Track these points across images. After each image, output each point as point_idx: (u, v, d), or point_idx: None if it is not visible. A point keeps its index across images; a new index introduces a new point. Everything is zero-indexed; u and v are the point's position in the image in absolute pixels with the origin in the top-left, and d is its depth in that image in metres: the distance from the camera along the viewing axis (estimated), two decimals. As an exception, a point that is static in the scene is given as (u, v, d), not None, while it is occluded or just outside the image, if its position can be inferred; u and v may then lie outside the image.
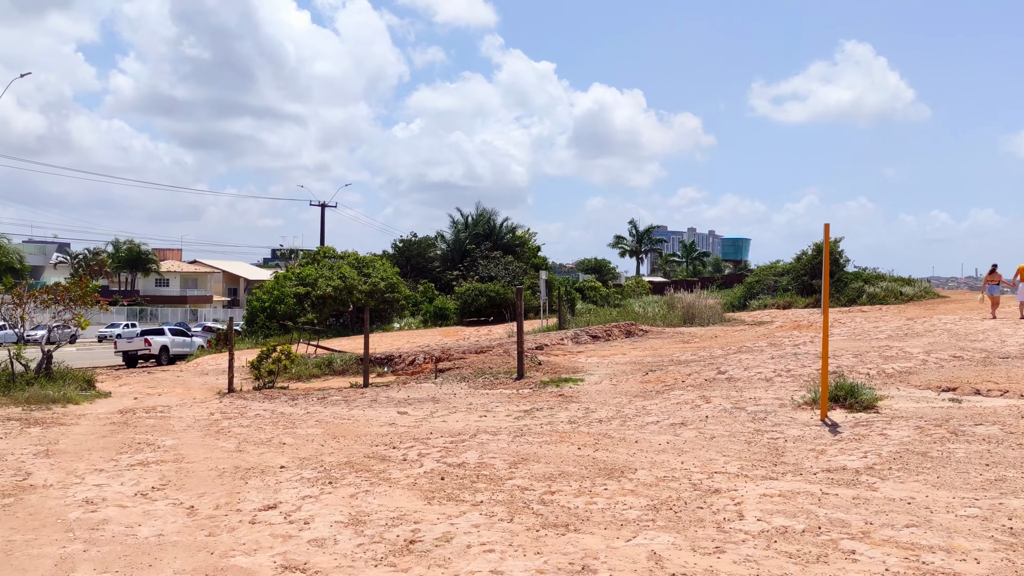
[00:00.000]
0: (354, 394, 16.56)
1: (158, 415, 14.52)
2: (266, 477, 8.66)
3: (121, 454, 10.34)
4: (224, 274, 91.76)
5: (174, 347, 35.56)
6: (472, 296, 41.77)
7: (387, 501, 7.36)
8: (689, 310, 31.15)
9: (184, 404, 16.78)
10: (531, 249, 51.26)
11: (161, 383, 23.95)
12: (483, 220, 52.02)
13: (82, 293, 20.81)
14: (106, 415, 14.86)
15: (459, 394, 15.60)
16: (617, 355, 22.58)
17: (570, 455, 9.02)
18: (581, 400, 13.75)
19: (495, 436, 10.44)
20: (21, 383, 18.00)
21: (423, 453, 9.48)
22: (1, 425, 13.07)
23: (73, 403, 16.68)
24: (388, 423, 12.25)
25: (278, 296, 41.00)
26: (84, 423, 13.57)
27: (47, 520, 7.09)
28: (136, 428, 12.70)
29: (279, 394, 17.50)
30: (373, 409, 13.98)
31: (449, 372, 18.92)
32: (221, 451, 10.30)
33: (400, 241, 52.53)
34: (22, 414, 14.76)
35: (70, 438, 11.75)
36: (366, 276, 43.44)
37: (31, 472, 9.28)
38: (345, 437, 11.05)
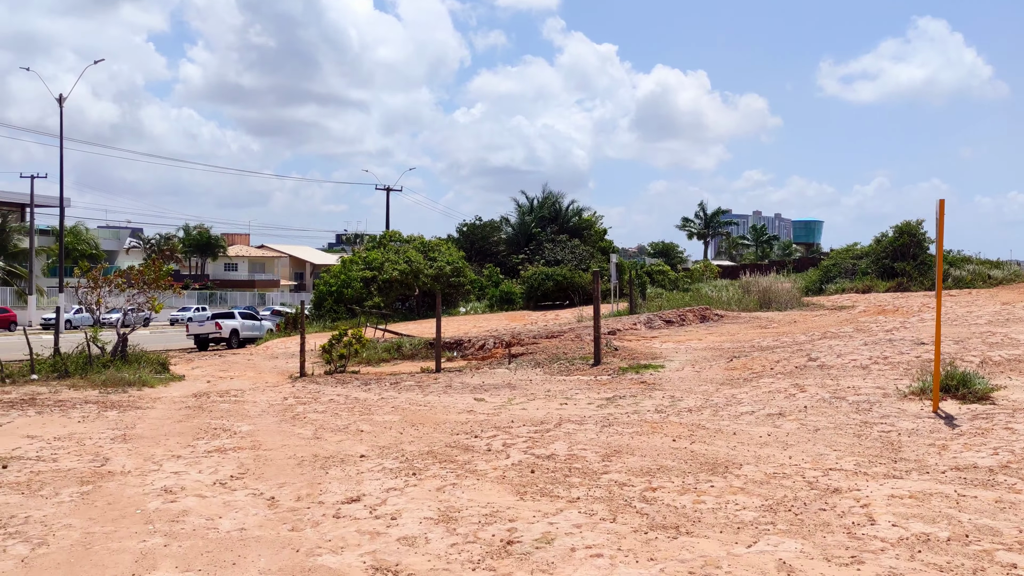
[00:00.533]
0: (427, 379, 16.21)
1: (232, 399, 14.36)
2: (346, 467, 8.30)
3: (198, 440, 10.11)
4: (291, 258, 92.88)
5: (244, 330, 35.84)
6: (539, 280, 41.26)
7: (477, 496, 6.91)
8: (765, 294, 30.16)
9: (257, 388, 16.65)
10: (597, 232, 50.48)
11: (232, 366, 24.01)
12: (549, 203, 51.37)
13: (155, 277, 20.90)
14: (181, 399, 14.78)
15: (535, 380, 15.12)
16: (693, 340, 21.87)
17: (665, 447, 8.46)
18: (664, 388, 13.16)
19: (581, 426, 9.92)
20: (98, 365, 18.12)
21: (508, 443, 9.01)
22: (79, 408, 13.04)
23: (148, 386, 16.68)
24: (466, 410, 11.83)
25: (345, 280, 41.06)
26: (160, 407, 13.47)
27: (126, 510, 6.82)
28: (211, 413, 12.52)
29: (351, 378, 17.26)
30: (448, 395, 13.59)
31: (522, 357, 18.47)
32: (298, 438, 10.00)
33: (464, 225, 52.26)
34: (99, 397, 14.76)
35: (146, 422, 11.60)
36: (432, 260, 43.25)
37: (109, 457, 9.09)
38: (424, 424, 10.66)
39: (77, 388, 15.94)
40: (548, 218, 50.24)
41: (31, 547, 5.81)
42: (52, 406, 13.23)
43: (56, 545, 5.86)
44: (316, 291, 43.18)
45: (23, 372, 17.81)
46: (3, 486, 7.74)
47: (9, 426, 11.32)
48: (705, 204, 79.44)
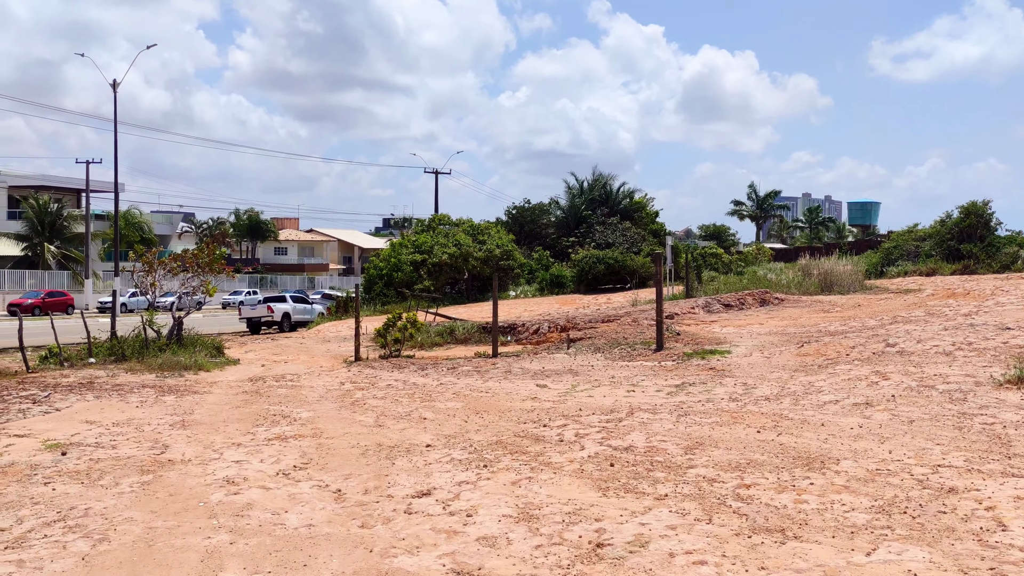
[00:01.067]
0: (484, 364, 15.82)
1: (289, 384, 14.12)
2: (413, 457, 7.92)
3: (257, 427, 9.83)
4: (339, 242, 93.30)
5: (296, 314, 35.85)
6: (590, 263, 40.65)
7: (556, 491, 6.47)
8: (826, 277, 29.22)
9: (312, 372, 16.43)
10: (648, 215, 49.61)
11: (285, 350, 23.92)
12: (599, 185, 50.58)
13: (209, 260, 20.80)
14: (237, 383, 14.58)
15: (596, 366, 14.64)
16: (754, 325, 21.20)
17: (751, 439, 7.93)
18: (735, 374, 12.58)
19: (655, 415, 9.42)
20: (154, 349, 18.06)
21: (581, 434, 8.55)
22: (137, 392, 12.88)
23: (204, 370, 16.55)
24: (529, 397, 11.40)
25: (395, 264, 40.89)
26: (216, 391, 13.27)
27: (188, 503, 6.51)
28: (269, 398, 12.26)
29: (407, 363, 16.94)
30: (509, 381, 13.17)
31: (581, 342, 17.98)
32: (360, 426, 9.65)
33: (513, 208, 51.76)
34: (156, 381, 14.63)
35: (204, 408, 11.37)
36: (481, 243, 42.87)
37: (168, 445, 8.83)
38: (488, 412, 10.25)
39: (134, 372, 15.86)
40: (598, 200, 49.49)
41: (92, 543, 5.51)
42: (110, 390, 13.10)
43: (118, 541, 5.55)
44: (366, 275, 43.10)
45: (81, 355, 17.82)
46: (63, 475, 7.50)
47: (68, 411, 11.17)
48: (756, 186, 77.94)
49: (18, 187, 63.76)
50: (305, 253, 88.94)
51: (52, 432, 9.64)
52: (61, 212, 57.10)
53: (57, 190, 62.54)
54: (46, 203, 56.42)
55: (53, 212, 56.48)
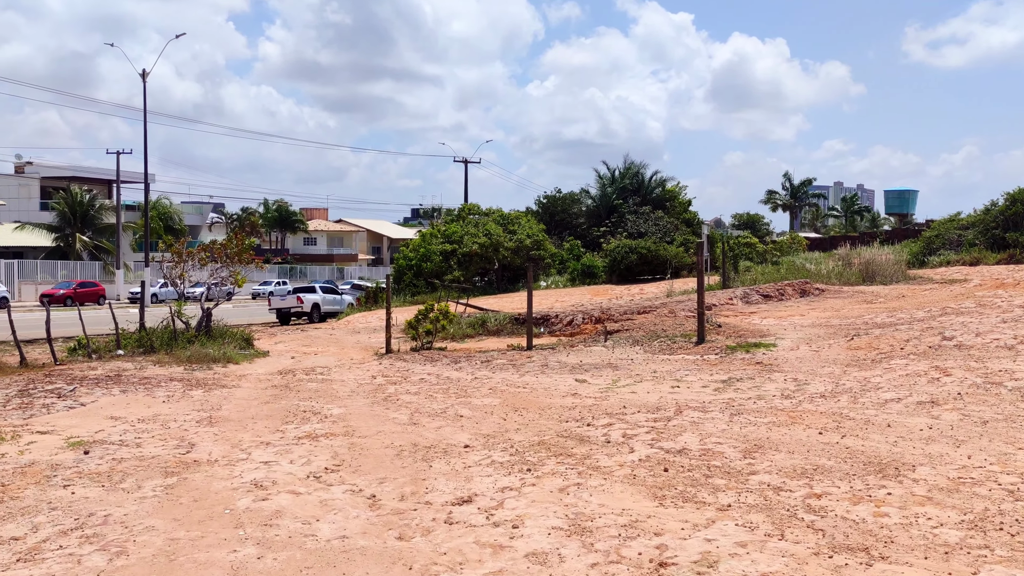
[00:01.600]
0: (519, 357, 15.34)
1: (319, 378, 13.73)
2: (451, 459, 7.45)
3: (287, 424, 9.42)
4: (368, 233, 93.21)
5: (325, 305, 35.60)
6: (622, 253, 39.98)
7: (608, 499, 5.97)
8: (867, 267, 28.40)
9: (343, 365, 16.04)
10: (681, 204, 48.73)
11: (315, 341, 23.60)
12: (631, 174, 49.74)
13: (238, 250, 20.48)
14: (266, 376, 14.22)
15: (636, 360, 14.11)
16: (796, 316, 20.52)
17: (813, 442, 7.37)
18: (783, 369, 12.00)
19: (706, 413, 8.89)
20: (183, 341, 17.77)
21: (629, 434, 8.04)
22: (164, 387, 12.55)
23: (233, 362, 16.22)
24: (569, 393, 10.90)
25: (424, 254, 40.50)
26: (245, 385, 12.91)
27: (214, 509, 6.09)
28: (299, 393, 11.87)
29: (439, 356, 16.50)
30: (547, 376, 12.68)
31: (618, 334, 17.44)
32: (393, 424, 9.21)
33: (544, 197, 51.09)
34: (184, 374, 14.31)
35: (233, 403, 11.00)
36: (511, 233, 42.35)
37: (195, 443, 8.44)
38: (527, 409, 9.77)
39: (162, 364, 15.57)
40: (630, 189, 48.67)
41: (109, 557, 5.10)
42: (137, 384, 12.78)
43: (137, 555, 5.13)
44: (395, 265, 42.77)
45: (109, 347, 17.57)
46: (84, 476, 7.12)
47: (93, 406, 10.84)
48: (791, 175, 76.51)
49: (50, 178, 64.22)
50: (334, 243, 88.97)
51: (76, 429, 9.30)
52: (92, 203, 57.34)
53: (88, 181, 62.91)
54: (78, 194, 56.68)
55: (85, 203, 56.73)
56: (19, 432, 9.12)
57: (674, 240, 43.40)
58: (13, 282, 49.09)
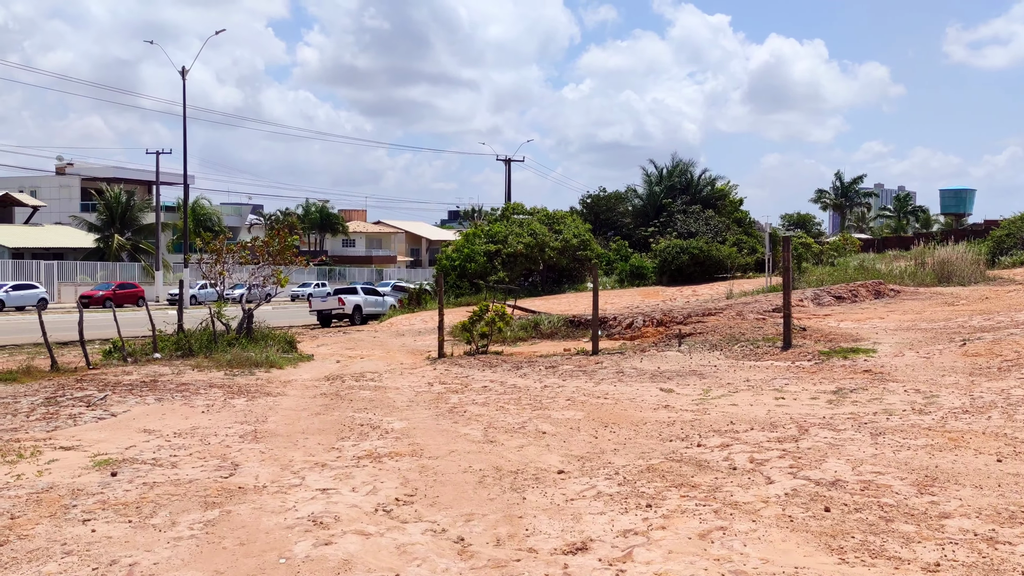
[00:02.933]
0: (588, 363, 14.02)
1: (371, 384, 12.52)
2: (545, 488, 6.16)
3: (342, 440, 8.19)
4: (407, 234, 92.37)
5: (367, 307, 34.56)
6: (673, 254, 38.44)
7: (768, 552, 4.63)
8: (943, 267, 26.67)
9: (393, 371, 14.83)
10: (732, 203, 46.99)
11: (359, 344, 22.49)
12: (678, 172, 48.10)
13: (280, 248, 19.40)
14: (312, 383, 13.05)
15: (720, 366, 12.72)
16: (875, 319, 18.97)
17: (995, 472, 5.96)
18: (897, 378, 10.55)
19: (837, 432, 7.50)
20: (222, 343, 16.70)
21: (756, 459, 6.68)
22: (203, 394, 11.40)
23: (276, 367, 15.09)
24: (660, 405, 9.55)
25: (468, 254, 39.28)
26: (291, 393, 11.73)
27: (265, 557, 4.85)
28: (351, 402, 10.65)
29: (497, 360, 15.23)
30: (626, 384, 11.34)
31: (691, 338, 16.02)
32: (466, 441, 7.93)
33: (588, 196, 49.67)
34: (225, 379, 13.19)
35: (279, 414, 9.80)
36: (557, 233, 41.00)
37: (239, 464, 7.24)
38: (618, 424, 8.44)
39: (201, 369, 14.47)
40: (679, 188, 47.05)
41: (131, 633, 3.87)
42: (174, 391, 11.66)
43: (168, 630, 3.89)
44: (438, 266, 41.62)
45: (146, 350, 16.54)
46: (108, 507, 5.93)
47: (125, 416, 9.71)
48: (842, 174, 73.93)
49: (91, 179, 64.14)
50: (373, 245, 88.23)
51: (104, 444, 8.16)
52: (132, 203, 57.01)
53: (128, 182, 62.69)
54: (118, 194, 56.38)
55: (124, 203, 56.40)
56: (40, 447, 7.99)
57: (726, 240, 41.76)
58: (53, 283, 48.76)
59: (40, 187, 65.17)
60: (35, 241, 55.31)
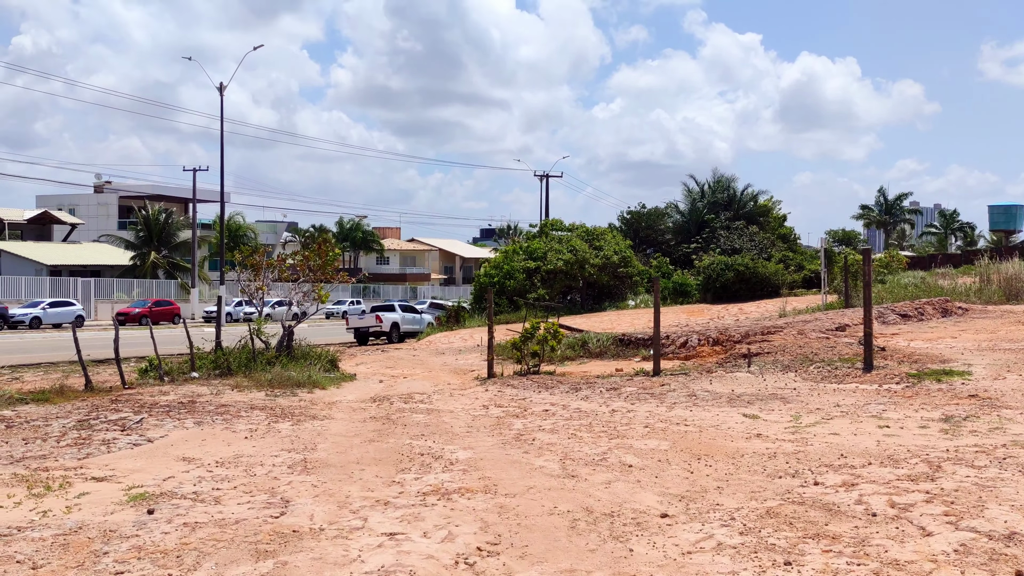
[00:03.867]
0: (651, 384, 13.06)
1: (422, 407, 11.66)
2: (651, 536, 5.23)
3: (403, 472, 7.31)
4: (440, 252, 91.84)
5: (404, 324, 33.80)
6: (717, 271, 37.30)
7: (969, 632, 3.66)
8: (1010, 284, 25.38)
9: (442, 391, 13.98)
10: (776, 219, 45.72)
11: (399, 363, 21.70)
12: (721, 187, 46.94)
13: (322, 262, 18.67)
14: (359, 405, 12.23)
15: (800, 389, 11.70)
16: (946, 338, 17.83)
17: None
18: (1008, 404, 9.49)
19: (978, 470, 6.49)
20: (262, 362, 15.96)
21: (900, 504, 5.69)
22: (245, 417, 10.60)
23: (319, 387, 14.30)
24: (751, 433, 8.58)
25: (507, 271, 38.44)
26: (338, 416, 10.90)
27: (334, 627, 3.96)
28: (406, 427, 9.78)
29: (552, 381, 14.31)
30: (703, 409, 10.37)
31: (759, 358, 14.99)
32: (544, 475, 7.02)
33: (627, 212, 48.63)
34: (266, 400, 12.41)
35: (329, 441, 8.95)
36: (597, 249, 40.07)
37: (290, 500, 6.39)
38: (711, 456, 7.49)
39: (241, 389, 13.71)
40: (721, 204, 45.90)
41: None
42: (213, 413, 10.87)
43: None
44: (476, 283, 40.86)
45: (183, 369, 15.83)
46: (144, 555, 5.09)
47: (162, 442, 8.91)
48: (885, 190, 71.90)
49: (128, 197, 64.33)
50: (407, 263, 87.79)
51: (140, 474, 7.35)
52: (169, 220, 56.97)
53: (165, 199, 62.74)
54: (155, 212, 56.37)
55: (161, 221, 56.37)
56: (71, 478, 7.20)
57: (771, 257, 40.56)
58: (89, 300, 48.65)
59: (78, 205, 65.52)
60: (73, 258, 55.41)
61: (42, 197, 67.74)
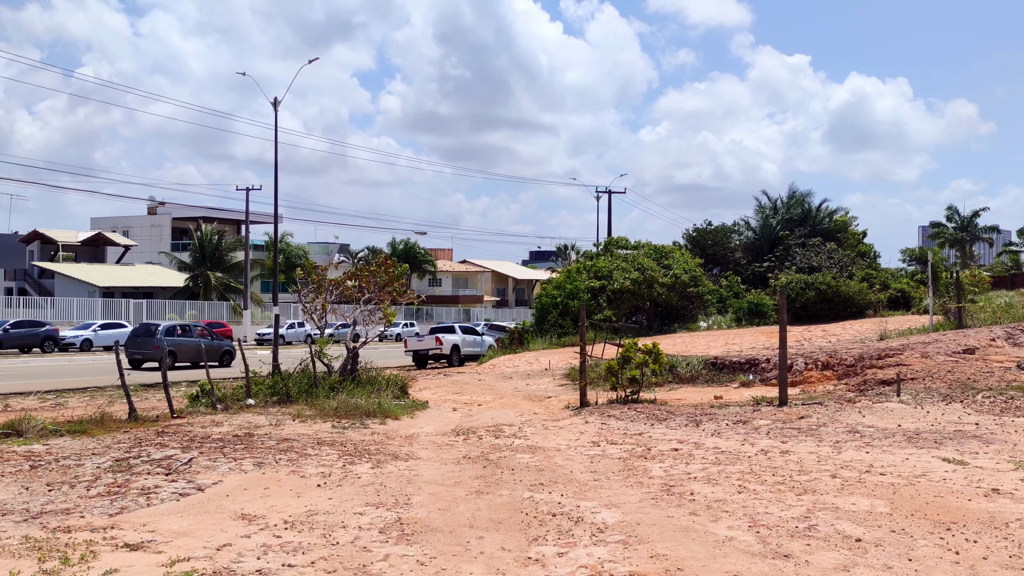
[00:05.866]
0: (786, 417, 10.98)
1: (519, 444, 9.74)
2: None
3: (536, 543, 5.39)
4: (493, 273, 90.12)
5: (465, 347, 31.98)
6: (797, 290, 34.91)
7: None
8: None
9: (531, 423, 12.07)
10: (854, 235, 43.20)
11: (465, 388, 19.89)
12: (795, 203, 44.51)
13: (389, 279, 16.95)
14: (442, 439, 10.37)
15: (984, 424, 9.56)
16: (1100, 363, 15.42)
17: None
18: None
19: None
20: (325, 388, 14.21)
21: None
22: (314, 456, 8.77)
23: (391, 417, 12.49)
24: (979, 486, 6.50)
25: (571, 291, 36.47)
26: (424, 455, 9.03)
27: None
28: (513, 472, 7.86)
29: (660, 411, 12.29)
30: (881, 450, 8.28)
31: (905, 385, 12.80)
32: (739, 552, 5.04)
33: (694, 230, 46.37)
34: (334, 434, 10.61)
35: (424, 492, 7.06)
36: (666, 268, 37.92)
37: (393, 589, 4.50)
38: (959, 524, 5.45)
39: (303, 419, 11.95)
40: (795, 220, 43.48)
41: None
42: (275, 451, 9.06)
43: None
44: (538, 303, 38.94)
45: (238, 396, 14.14)
46: None
47: (215, 491, 7.10)
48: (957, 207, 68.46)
49: (182, 219, 63.83)
50: (459, 284, 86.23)
51: (187, 539, 5.54)
52: (223, 242, 56.14)
53: (219, 221, 62.06)
54: (209, 233, 55.59)
55: (215, 242, 55.54)
56: (97, 544, 5.42)
57: (853, 275, 38.02)
58: (141, 322, 47.76)
59: (132, 227, 65.18)
60: (126, 280, 54.77)
61: (96, 219, 67.59)
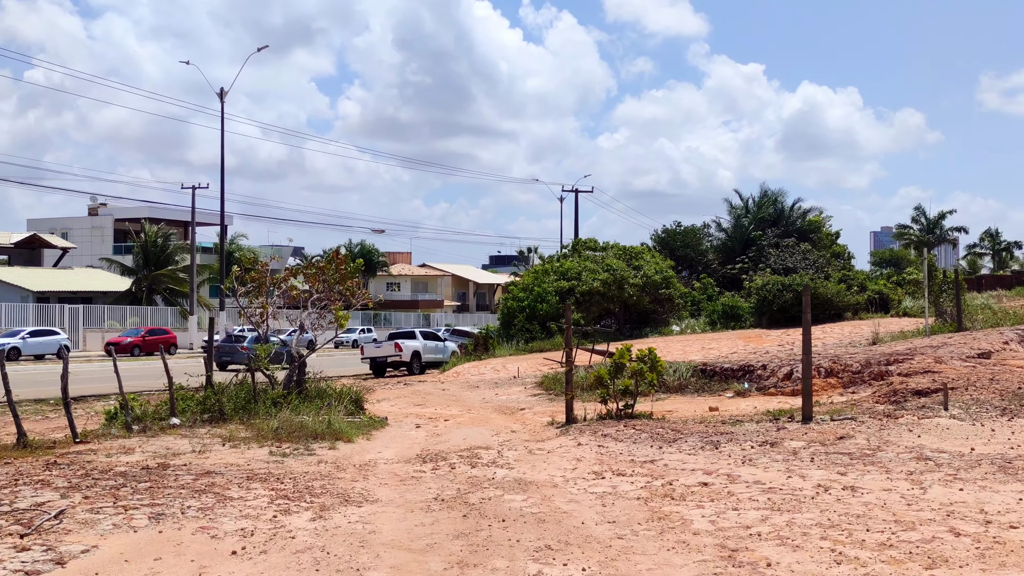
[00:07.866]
0: (818, 436, 9.13)
1: (503, 475, 7.74)
2: None
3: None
4: (453, 277, 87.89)
5: (427, 353, 29.87)
6: (774, 292, 33.39)
7: None
8: None
9: (510, 444, 10.09)
10: (827, 236, 41.95)
11: (428, 399, 17.88)
12: (768, 203, 43.14)
13: (340, 276, 14.81)
14: (406, 469, 8.34)
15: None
16: None
17: None
18: None
19: None
20: (266, 403, 12.04)
21: None
22: (238, 500, 6.65)
23: (343, 439, 10.42)
24: None
25: (538, 294, 34.53)
26: (383, 495, 6.98)
27: None
28: (505, 526, 5.84)
29: (663, 429, 10.36)
30: (980, 487, 6.42)
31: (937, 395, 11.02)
32: None
33: (663, 231, 44.82)
34: (271, 463, 8.51)
35: (383, 567, 4.99)
36: (636, 269, 36.21)
37: None
38: None
39: (235, 443, 9.83)
40: (768, 220, 42.11)
41: None
42: (188, 492, 6.93)
43: None
44: (503, 307, 36.93)
45: (161, 413, 11.92)
46: None
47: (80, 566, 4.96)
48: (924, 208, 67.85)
49: (124, 220, 60.78)
50: (419, 289, 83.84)
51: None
52: (168, 244, 53.24)
53: (166, 222, 59.01)
54: (153, 235, 52.65)
55: (159, 244, 52.63)
56: None
57: (830, 276, 36.65)
58: (77, 329, 44.74)
59: (72, 229, 61.86)
60: (63, 284, 51.58)
61: (33, 220, 64.09)
